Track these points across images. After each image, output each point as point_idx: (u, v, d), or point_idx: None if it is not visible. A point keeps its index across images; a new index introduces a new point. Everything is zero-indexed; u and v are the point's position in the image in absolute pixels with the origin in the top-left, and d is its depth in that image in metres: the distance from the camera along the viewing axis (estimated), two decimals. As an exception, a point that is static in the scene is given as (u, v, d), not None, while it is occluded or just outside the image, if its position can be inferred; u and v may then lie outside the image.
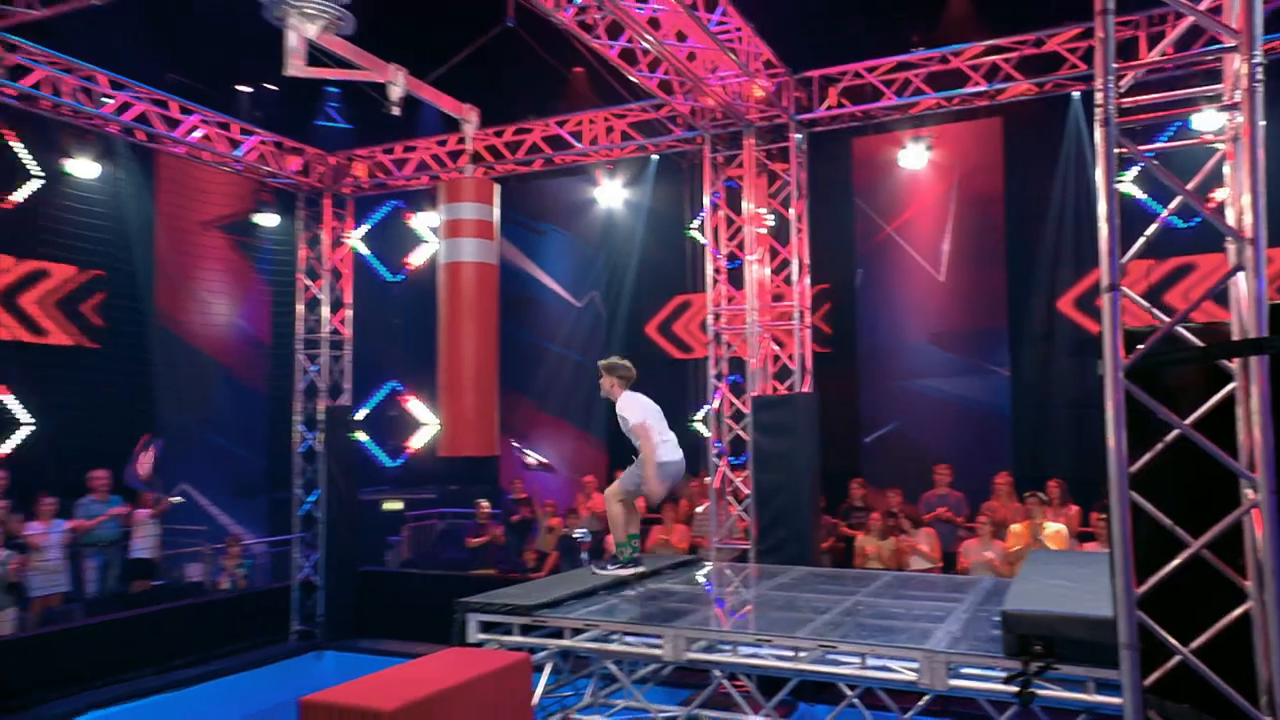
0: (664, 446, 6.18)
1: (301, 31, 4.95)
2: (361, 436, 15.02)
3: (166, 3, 10.74)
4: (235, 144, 10.07)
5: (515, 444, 14.74)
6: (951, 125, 11.13)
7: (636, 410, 6.18)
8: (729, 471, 9.04)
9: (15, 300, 11.71)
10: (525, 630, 5.54)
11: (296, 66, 4.99)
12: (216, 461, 13.37)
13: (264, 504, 13.86)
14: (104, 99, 8.70)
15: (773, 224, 9.18)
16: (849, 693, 5.16)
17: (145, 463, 10.97)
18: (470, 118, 6.17)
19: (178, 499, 12.35)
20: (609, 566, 6.46)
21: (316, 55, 5.22)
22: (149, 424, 12.98)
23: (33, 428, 11.66)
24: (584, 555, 7.56)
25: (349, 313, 11.39)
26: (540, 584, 6.61)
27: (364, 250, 15.14)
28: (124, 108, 8.91)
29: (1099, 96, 3.44)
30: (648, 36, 7.18)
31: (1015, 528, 8.64)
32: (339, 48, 5.21)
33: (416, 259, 15.47)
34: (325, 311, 11.18)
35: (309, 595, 10.88)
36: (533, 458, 14.79)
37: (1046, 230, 11.21)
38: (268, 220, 11.28)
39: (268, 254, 13.77)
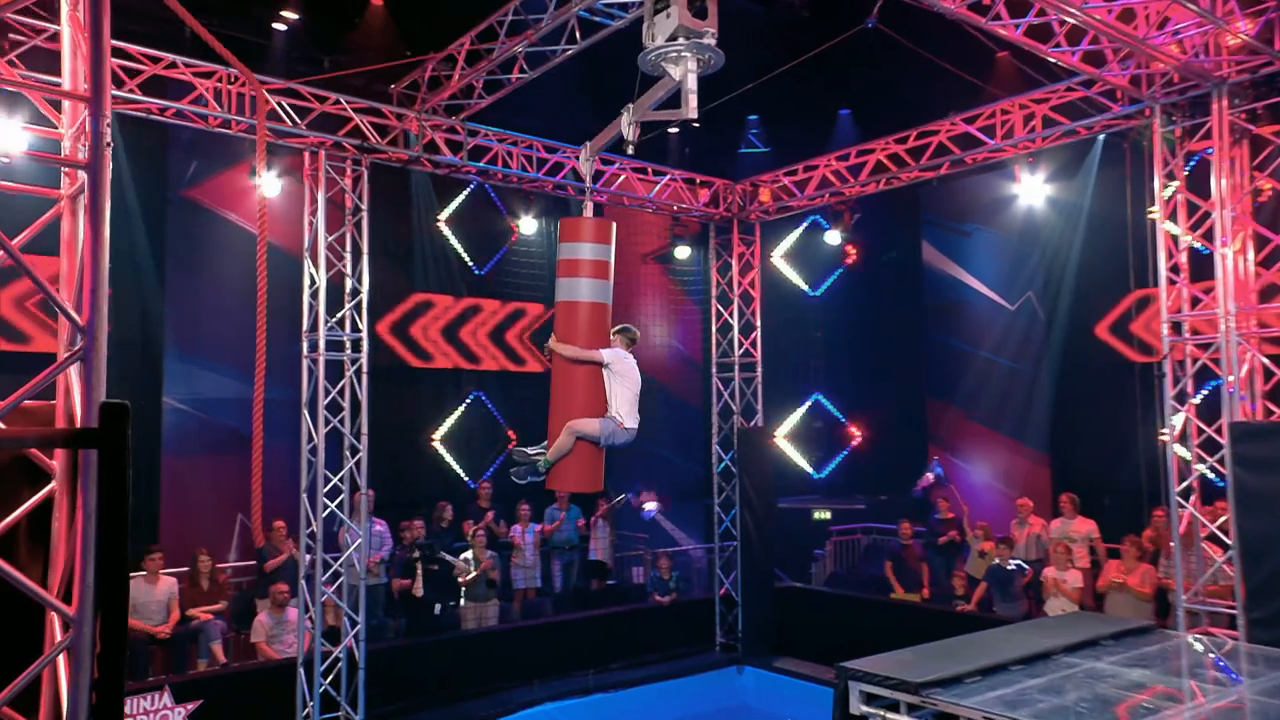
0: (629, 415, 5.49)
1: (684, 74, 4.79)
2: (785, 446, 14.90)
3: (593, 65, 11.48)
4: (654, 185, 10.42)
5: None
6: None
7: (617, 359, 5.55)
8: (1197, 511, 7.05)
9: (502, 336, 13.48)
10: (912, 709, 4.66)
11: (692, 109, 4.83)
12: (659, 471, 14.12)
13: (700, 510, 14.37)
14: (539, 162, 9.47)
15: (1264, 202, 6.98)
16: None
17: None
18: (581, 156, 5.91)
19: (654, 506, 13.27)
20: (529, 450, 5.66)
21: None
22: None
23: (514, 443, 13.34)
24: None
25: (759, 335, 11.18)
26: (941, 648, 5.61)
27: (784, 267, 15.02)
28: (557, 168, 9.62)
29: None
30: (1068, 6, 5.81)
31: None
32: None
33: (831, 274, 14.95)
34: (735, 335, 11.10)
35: (730, 609, 10.89)
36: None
37: None
38: (683, 252, 11.56)
39: (696, 280, 14.25)
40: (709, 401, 11.45)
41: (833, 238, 11.09)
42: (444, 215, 12.66)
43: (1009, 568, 9.69)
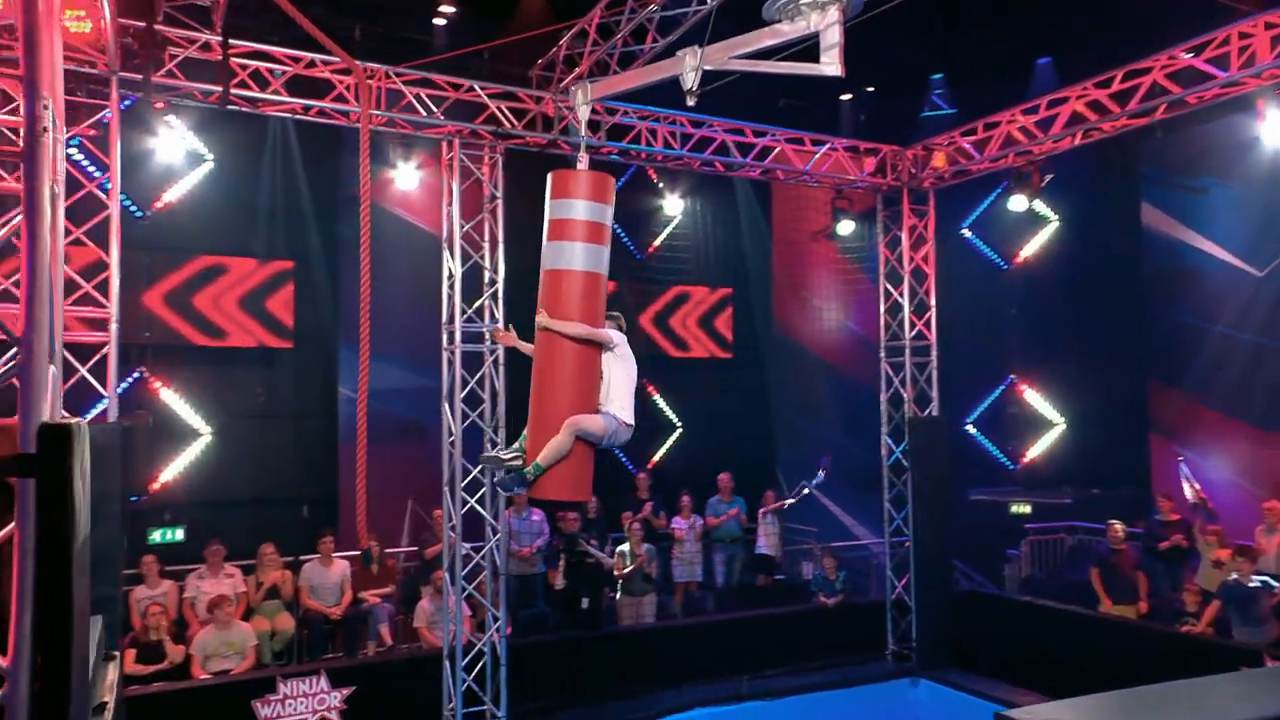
0: (629, 410, 4.70)
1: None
2: (977, 434, 13.41)
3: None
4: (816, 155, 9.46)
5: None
6: None
7: (623, 342, 4.74)
8: None
9: (666, 321, 13.01)
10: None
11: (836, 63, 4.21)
12: (833, 459, 13.14)
13: (879, 502, 13.23)
14: (683, 138, 8.82)
15: None
16: None
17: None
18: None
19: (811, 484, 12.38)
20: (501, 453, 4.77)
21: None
22: (770, 427, 13.42)
23: (679, 431, 12.85)
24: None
25: (934, 316, 9.94)
26: (1138, 698, 4.42)
27: (973, 239, 13.47)
28: (704, 143, 8.93)
29: None
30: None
31: None
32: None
33: (1029, 244, 13.18)
34: (906, 315, 9.93)
35: (904, 615, 9.79)
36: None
37: None
38: (846, 227, 10.45)
39: (870, 256, 13.08)
40: (884, 388, 10.34)
41: (1019, 203, 9.58)
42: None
43: (1251, 584, 8.00)
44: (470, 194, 7.99)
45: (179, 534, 9.62)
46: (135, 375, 9.69)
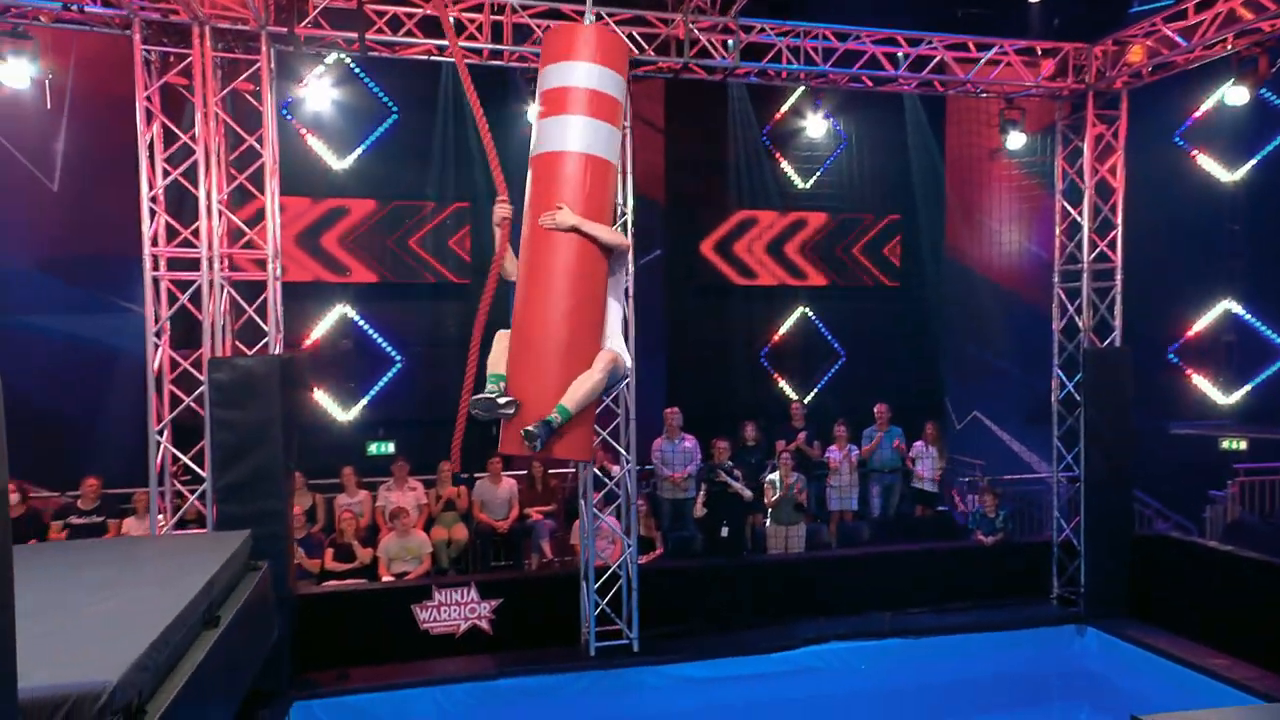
0: (625, 348, 3.56)
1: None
2: (1180, 362, 11.60)
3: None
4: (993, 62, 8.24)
5: None
6: None
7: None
8: None
9: (831, 250, 12.15)
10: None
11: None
12: (1006, 389, 11.87)
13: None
14: (826, 53, 7.94)
15: None
16: None
17: None
18: None
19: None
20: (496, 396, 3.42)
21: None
22: (936, 357, 12.28)
23: (841, 361, 12.09)
24: None
25: (1119, 235, 8.49)
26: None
27: (1183, 145, 11.40)
28: (851, 57, 8.00)
29: None
30: None
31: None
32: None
33: (1255, 149, 10.97)
34: (1086, 235, 8.54)
35: (1072, 558, 8.69)
36: None
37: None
38: (1016, 140, 9.01)
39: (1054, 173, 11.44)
40: (1056, 316, 9.06)
41: (1238, 95, 7.82)
42: (766, 128, 11.59)
43: None
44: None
45: (390, 448, 10.32)
46: (338, 311, 10.42)
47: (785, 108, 11.60)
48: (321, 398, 10.42)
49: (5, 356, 7.97)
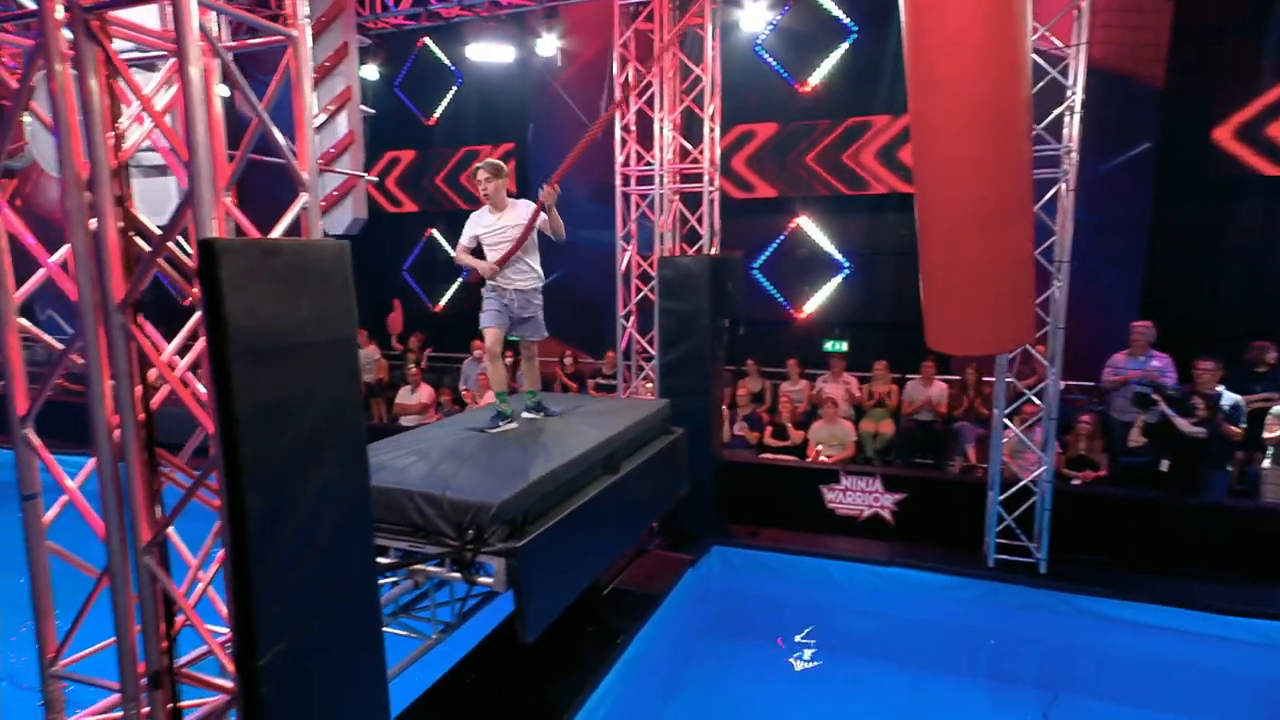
0: None
1: None
2: None
3: None
4: None
5: None
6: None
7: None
8: None
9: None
10: None
11: None
12: None
13: None
14: None
15: None
16: None
17: None
18: None
19: None
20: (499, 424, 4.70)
21: None
22: None
23: None
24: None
25: None
26: None
27: None
28: None
29: None
30: None
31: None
32: None
33: None
34: None
35: None
36: None
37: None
38: None
39: None
40: None
41: None
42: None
43: None
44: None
45: (843, 345, 10.69)
46: (794, 221, 10.82)
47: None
48: (774, 296, 11.03)
49: (573, 259, 10.17)
